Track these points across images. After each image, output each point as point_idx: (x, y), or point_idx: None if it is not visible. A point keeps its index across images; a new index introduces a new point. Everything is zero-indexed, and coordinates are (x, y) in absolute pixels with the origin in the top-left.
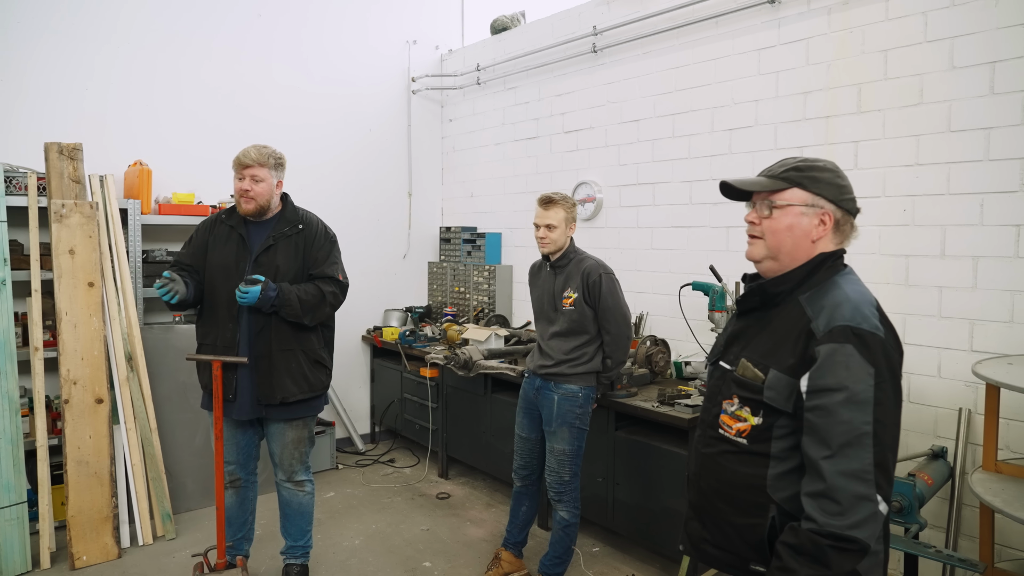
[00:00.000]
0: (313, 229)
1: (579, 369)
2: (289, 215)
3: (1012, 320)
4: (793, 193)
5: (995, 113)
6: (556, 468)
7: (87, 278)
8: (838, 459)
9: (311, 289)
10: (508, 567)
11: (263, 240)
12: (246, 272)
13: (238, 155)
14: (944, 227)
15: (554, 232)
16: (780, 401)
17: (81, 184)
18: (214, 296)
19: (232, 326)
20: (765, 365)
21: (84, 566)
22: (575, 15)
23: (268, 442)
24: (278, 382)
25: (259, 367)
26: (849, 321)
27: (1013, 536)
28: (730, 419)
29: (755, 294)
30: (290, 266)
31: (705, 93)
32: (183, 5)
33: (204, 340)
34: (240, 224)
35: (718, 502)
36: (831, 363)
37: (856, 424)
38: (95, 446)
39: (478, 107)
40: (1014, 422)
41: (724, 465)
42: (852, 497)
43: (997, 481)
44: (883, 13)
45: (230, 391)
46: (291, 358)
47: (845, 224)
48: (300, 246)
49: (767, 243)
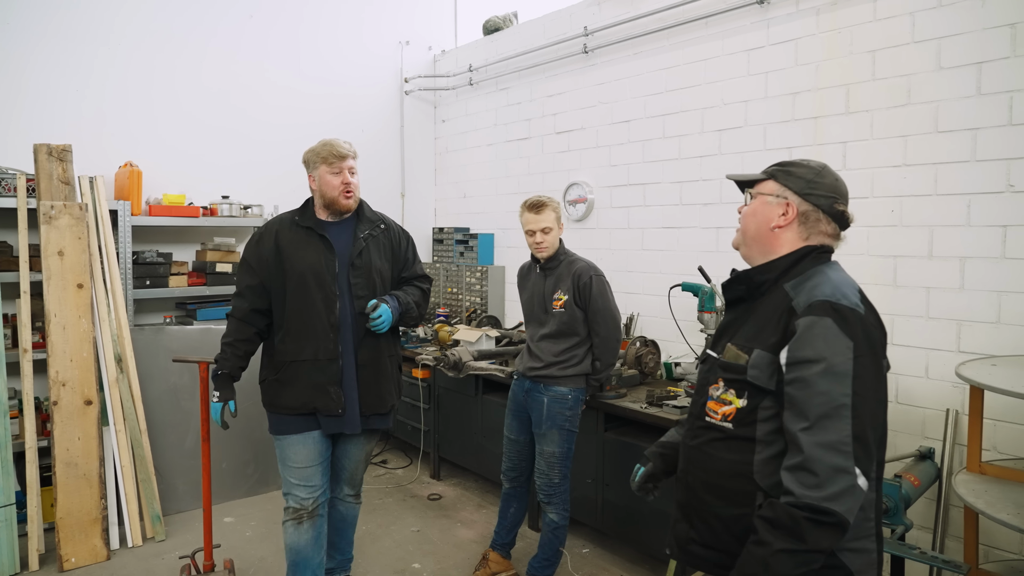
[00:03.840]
0: (395, 228)
1: (569, 371)
2: (368, 214)
3: (999, 321)
4: (766, 184)
5: (982, 114)
6: (546, 470)
7: (76, 279)
8: (815, 431)
9: (415, 293)
10: (496, 568)
11: (349, 241)
12: (340, 277)
13: (331, 145)
14: (932, 228)
15: (550, 235)
16: (763, 379)
17: (70, 185)
18: (306, 305)
19: (333, 335)
20: (749, 347)
21: (72, 568)
22: (566, 15)
23: (341, 457)
24: (386, 389)
25: (364, 376)
26: (829, 297)
27: (1001, 537)
28: (715, 404)
29: (740, 282)
30: (384, 268)
31: (695, 94)
32: (177, 7)
33: (300, 355)
34: (319, 225)
35: (705, 494)
36: (809, 335)
37: (834, 396)
38: (84, 448)
39: (471, 108)
40: (1001, 423)
41: (710, 454)
42: (829, 468)
43: (981, 482)
44: (871, 14)
45: (339, 405)
46: (393, 363)
47: (814, 218)
48: (388, 246)
49: (741, 228)
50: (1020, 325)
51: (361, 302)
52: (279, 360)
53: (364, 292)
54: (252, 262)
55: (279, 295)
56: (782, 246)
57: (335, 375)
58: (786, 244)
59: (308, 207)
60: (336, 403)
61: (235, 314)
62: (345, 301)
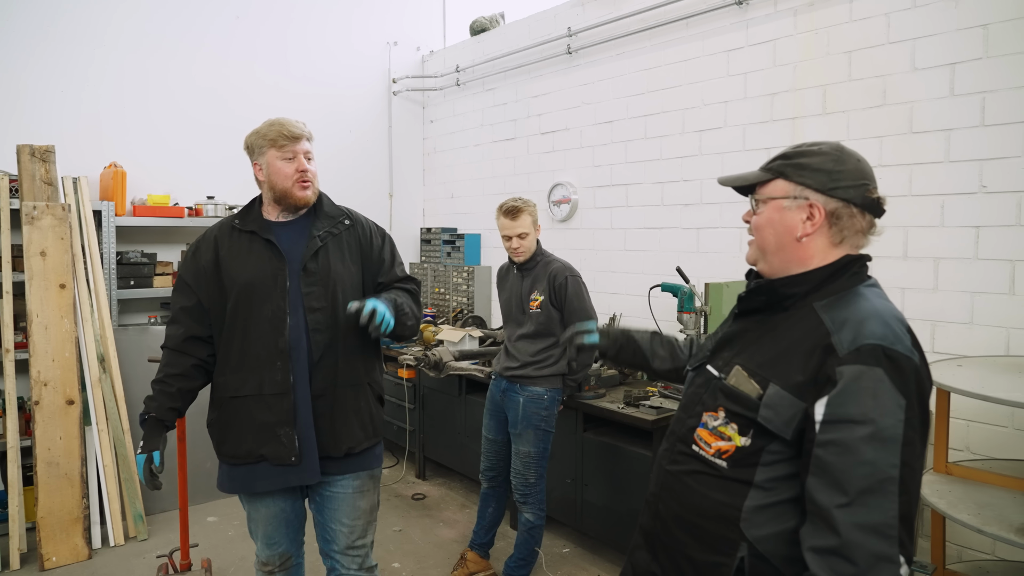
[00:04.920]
0: (364, 225)
1: (545, 371)
2: (328, 208)
3: (972, 322)
4: (776, 185)
5: (955, 115)
6: (521, 470)
7: (59, 280)
8: (856, 508)
9: (402, 294)
10: (474, 567)
11: (304, 242)
12: (291, 288)
13: (280, 124)
14: (906, 228)
15: (526, 240)
16: (778, 424)
17: (53, 186)
18: (248, 327)
19: (282, 363)
20: (764, 378)
21: (53, 567)
22: (551, 16)
23: (325, 516)
24: (343, 427)
25: (317, 408)
26: (880, 340)
27: (973, 538)
28: (710, 435)
29: (762, 292)
30: (349, 272)
31: (676, 94)
32: (168, 9)
33: (241, 390)
34: (264, 228)
35: (678, 531)
36: (857, 389)
37: (881, 466)
38: (66, 447)
39: (458, 108)
40: (975, 424)
41: (693, 487)
42: (871, 557)
43: (946, 483)
44: (847, 14)
45: (291, 452)
46: (359, 395)
47: (847, 216)
48: (352, 247)
49: (756, 242)
50: (992, 326)
51: (317, 316)
52: (218, 396)
53: (320, 303)
54: (188, 278)
55: (218, 317)
56: (812, 257)
57: (286, 413)
58: (817, 254)
59: (253, 207)
60: (288, 450)
61: (168, 343)
62: (299, 317)
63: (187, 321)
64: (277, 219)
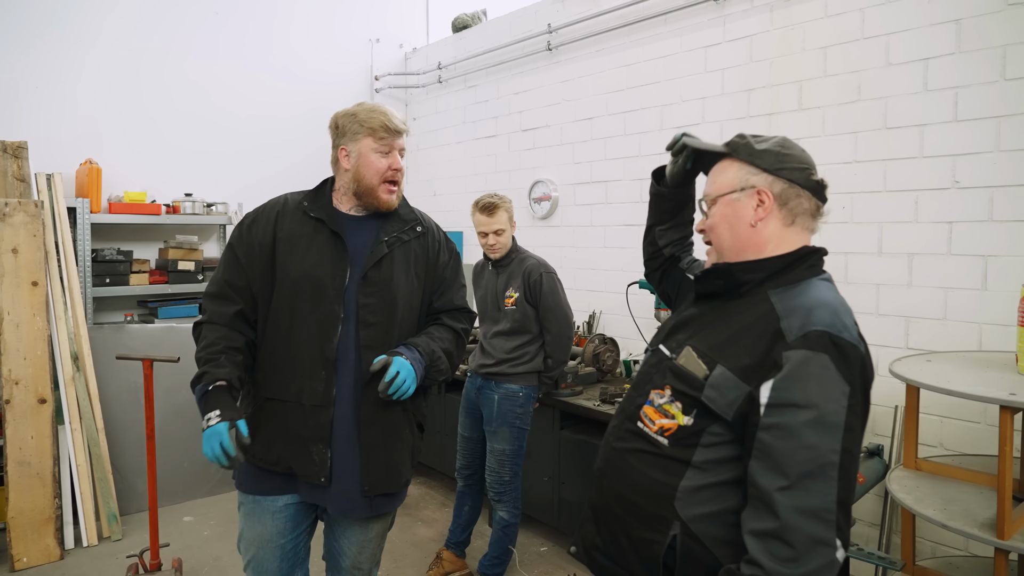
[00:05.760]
0: (435, 235)
1: (520, 368)
2: (402, 210)
3: (945, 317)
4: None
5: (928, 110)
6: (496, 468)
7: (31, 277)
8: (796, 492)
9: (446, 336)
10: (449, 567)
11: (369, 245)
12: (349, 294)
13: (383, 113)
14: (881, 224)
15: (503, 236)
16: (721, 405)
17: (26, 182)
18: (295, 326)
19: (326, 373)
20: (713, 359)
21: (24, 568)
22: (531, 13)
23: (336, 540)
24: (399, 459)
25: (367, 438)
26: (828, 327)
27: (946, 534)
28: (655, 412)
29: (719, 275)
30: (412, 288)
31: (655, 91)
32: (144, 2)
33: (282, 393)
34: (333, 218)
35: (617, 507)
36: (802, 374)
37: (821, 452)
38: (37, 446)
39: (440, 106)
40: (948, 420)
41: (633, 465)
42: (809, 540)
43: (914, 479)
44: (822, 10)
45: (322, 472)
46: (409, 420)
47: (793, 198)
48: (419, 258)
49: (713, 243)
50: (965, 321)
51: (371, 332)
52: (256, 393)
53: (376, 318)
54: (240, 253)
55: (263, 305)
56: (767, 242)
57: (321, 429)
58: (772, 239)
59: (323, 191)
60: (319, 469)
61: (215, 319)
62: (350, 327)
63: (236, 298)
64: (348, 211)
